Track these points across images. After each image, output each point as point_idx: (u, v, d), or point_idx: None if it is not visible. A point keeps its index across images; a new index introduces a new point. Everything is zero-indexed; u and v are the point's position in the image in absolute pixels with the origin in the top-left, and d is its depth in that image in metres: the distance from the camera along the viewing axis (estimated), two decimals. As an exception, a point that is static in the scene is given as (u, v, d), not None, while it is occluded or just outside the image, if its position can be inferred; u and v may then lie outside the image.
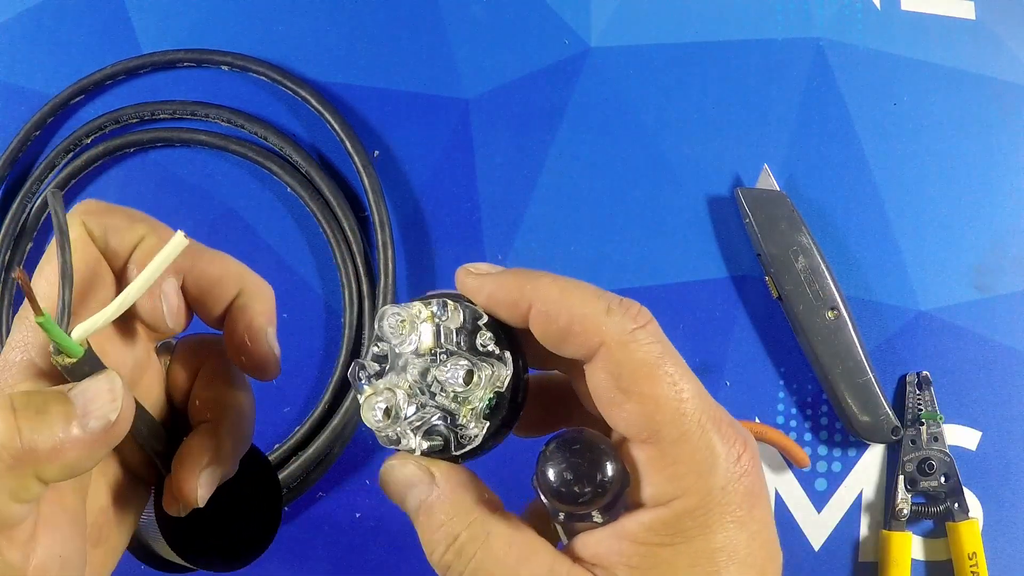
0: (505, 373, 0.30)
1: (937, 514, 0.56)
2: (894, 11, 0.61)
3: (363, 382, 0.31)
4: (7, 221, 0.56)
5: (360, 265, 0.56)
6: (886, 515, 0.57)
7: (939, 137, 0.60)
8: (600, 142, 0.59)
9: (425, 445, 0.30)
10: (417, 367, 0.30)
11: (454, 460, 0.30)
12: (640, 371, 0.28)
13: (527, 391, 0.31)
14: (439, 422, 0.30)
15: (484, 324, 0.31)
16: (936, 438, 0.57)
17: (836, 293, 0.56)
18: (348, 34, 0.59)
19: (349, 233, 0.56)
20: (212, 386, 0.33)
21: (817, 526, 0.57)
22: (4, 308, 0.56)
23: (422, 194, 0.59)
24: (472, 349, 0.30)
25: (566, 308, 0.29)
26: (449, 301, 0.30)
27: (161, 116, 0.58)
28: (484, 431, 0.30)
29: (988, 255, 0.59)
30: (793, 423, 0.58)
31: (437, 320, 0.30)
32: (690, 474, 0.27)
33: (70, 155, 0.58)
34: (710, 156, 0.59)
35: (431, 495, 0.29)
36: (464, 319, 0.31)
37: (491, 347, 0.30)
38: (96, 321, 0.27)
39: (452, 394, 0.30)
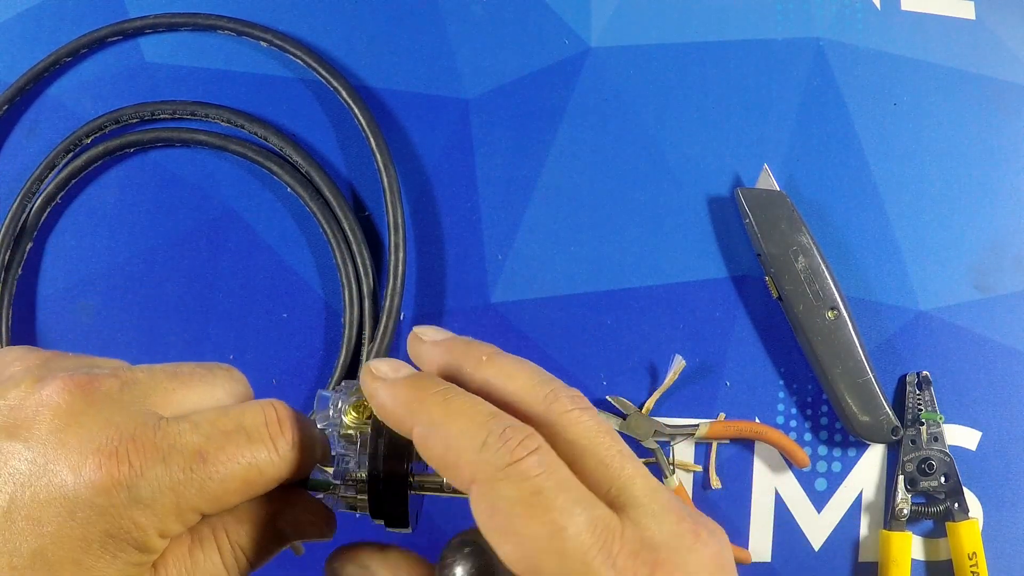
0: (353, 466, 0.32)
1: (937, 514, 0.56)
2: (894, 11, 0.61)
3: None
4: (7, 221, 0.56)
5: (360, 265, 0.56)
6: (886, 515, 0.57)
7: (939, 137, 0.60)
8: (600, 142, 0.59)
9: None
10: None
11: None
12: (513, 510, 0.26)
13: (396, 481, 0.31)
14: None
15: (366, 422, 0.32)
16: (936, 438, 0.57)
17: (836, 293, 0.56)
18: (347, 34, 0.59)
19: (349, 233, 0.56)
20: None
21: (817, 526, 0.57)
22: (4, 308, 0.56)
23: (422, 194, 0.59)
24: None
25: (442, 438, 0.27)
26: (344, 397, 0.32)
27: (161, 116, 0.58)
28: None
29: (988, 255, 0.59)
30: (793, 423, 0.58)
31: (335, 414, 0.32)
32: None
33: (70, 155, 0.57)
34: (710, 156, 0.59)
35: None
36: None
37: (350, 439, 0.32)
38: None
39: None
